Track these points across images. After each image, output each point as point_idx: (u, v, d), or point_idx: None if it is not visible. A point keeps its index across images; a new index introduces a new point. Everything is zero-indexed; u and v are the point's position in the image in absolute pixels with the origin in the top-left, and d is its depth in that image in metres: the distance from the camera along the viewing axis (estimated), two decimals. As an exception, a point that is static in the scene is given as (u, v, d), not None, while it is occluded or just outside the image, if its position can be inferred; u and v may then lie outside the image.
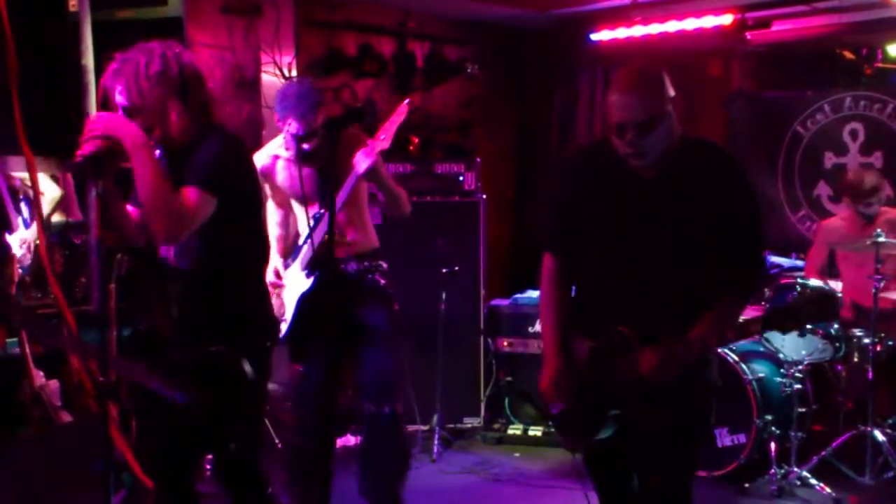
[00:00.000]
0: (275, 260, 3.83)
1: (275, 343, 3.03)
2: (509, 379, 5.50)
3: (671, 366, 2.55)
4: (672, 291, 2.64)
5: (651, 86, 2.60)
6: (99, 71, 3.71)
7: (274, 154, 3.83)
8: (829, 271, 5.22)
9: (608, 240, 2.71)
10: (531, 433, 5.39)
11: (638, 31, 6.10)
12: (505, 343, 5.53)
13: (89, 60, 3.71)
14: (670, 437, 2.67)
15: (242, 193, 2.82)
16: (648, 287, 2.65)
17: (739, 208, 2.64)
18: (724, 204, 2.60)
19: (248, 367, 2.72)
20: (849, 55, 6.91)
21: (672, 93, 2.64)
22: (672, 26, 5.94)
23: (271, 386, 3.86)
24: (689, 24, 5.86)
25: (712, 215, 2.60)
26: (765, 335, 4.60)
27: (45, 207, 4.15)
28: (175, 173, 2.77)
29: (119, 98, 2.73)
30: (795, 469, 4.47)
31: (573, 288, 2.86)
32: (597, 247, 2.74)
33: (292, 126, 3.63)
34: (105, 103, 2.80)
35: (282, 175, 3.82)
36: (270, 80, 5.32)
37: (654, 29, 6.02)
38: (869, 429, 4.52)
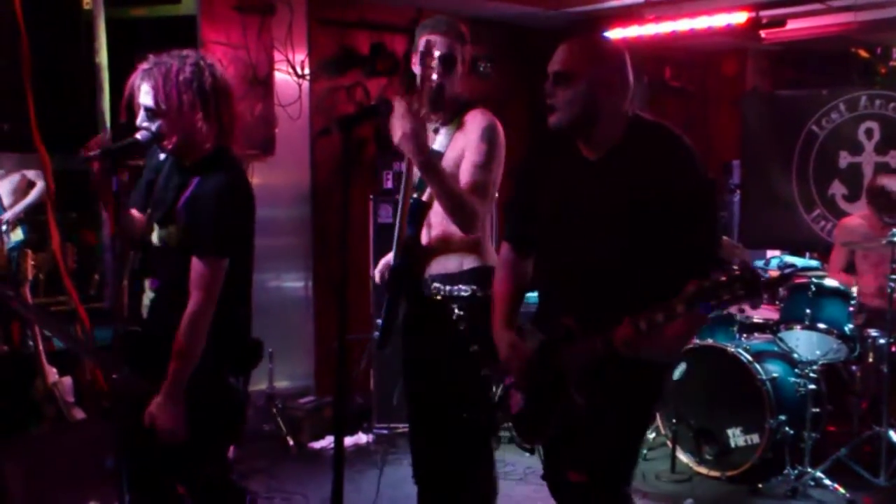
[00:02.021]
0: None
1: (240, 372, 2.90)
2: (521, 378, 5.49)
3: (639, 339, 2.37)
4: (616, 278, 2.52)
5: (588, 49, 2.54)
6: (113, 69, 3.73)
7: None
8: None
9: (554, 225, 2.64)
10: (543, 432, 5.38)
11: (651, 29, 6.08)
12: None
13: (103, 58, 3.72)
14: (604, 436, 2.57)
15: (243, 245, 2.82)
16: (591, 274, 2.56)
17: (688, 192, 2.49)
18: (671, 187, 2.47)
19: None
20: (864, 54, 6.88)
21: (621, 69, 2.53)
22: (685, 24, 5.91)
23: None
24: (703, 22, 5.83)
25: (657, 198, 2.46)
26: (778, 335, 4.58)
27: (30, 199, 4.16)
28: (178, 187, 2.78)
29: (145, 98, 2.72)
30: (809, 470, 4.44)
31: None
32: (546, 235, 2.69)
33: None
34: (129, 103, 2.80)
35: None
36: (283, 78, 5.33)
37: (668, 27, 5.99)
38: (884, 429, 4.49)
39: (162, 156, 2.92)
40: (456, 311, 3.05)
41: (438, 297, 3.08)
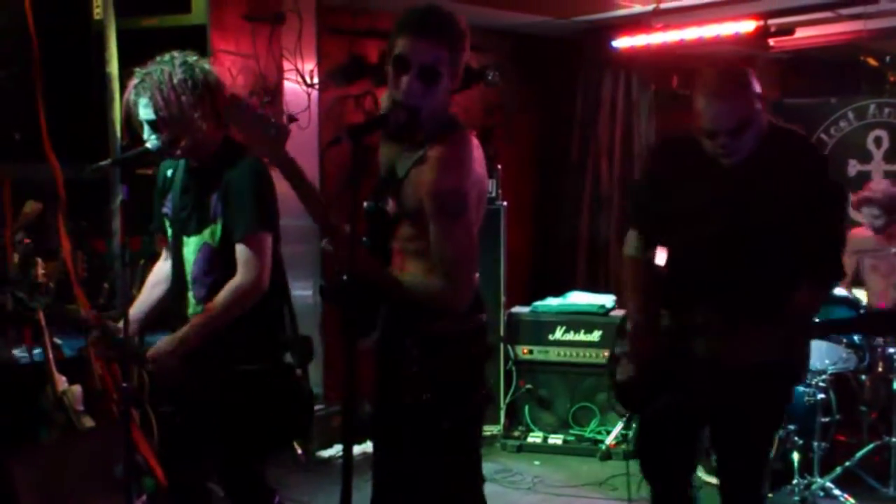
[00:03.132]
0: None
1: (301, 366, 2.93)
2: (529, 387, 5.49)
3: (744, 351, 2.63)
4: (751, 277, 2.71)
5: (741, 91, 2.65)
6: (123, 79, 3.75)
7: None
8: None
9: (692, 224, 2.80)
10: (551, 441, 5.38)
11: (659, 37, 6.09)
12: (525, 350, 5.52)
13: (114, 68, 3.74)
14: (743, 426, 2.79)
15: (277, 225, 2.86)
16: (729, 272, 2.73)
17: (819, 198, 2.68)
18: (803, 193, 2.65)
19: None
20: (872, 62, 6.87)
21: (759, 89, 2.69)
22: (693, 33, 5.91)
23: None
24: (711, 30, 5.83)
25: (791, 204, 2.65)
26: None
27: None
28: (201, 188, 2.80)
29: (144, 113, 2.74)
30: (818, 479, 4.42)
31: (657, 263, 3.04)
32: (682, 229, 2.85)
33: None
34: (129, 122, 2.82)
35: None
36: (292, 87, 5.34)
37: (676, 36, 6.00)
38: (893, 439, 4.48)
39: (169, 171, 2.95)
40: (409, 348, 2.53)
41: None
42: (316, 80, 5.46)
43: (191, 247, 2.84)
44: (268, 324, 2.82)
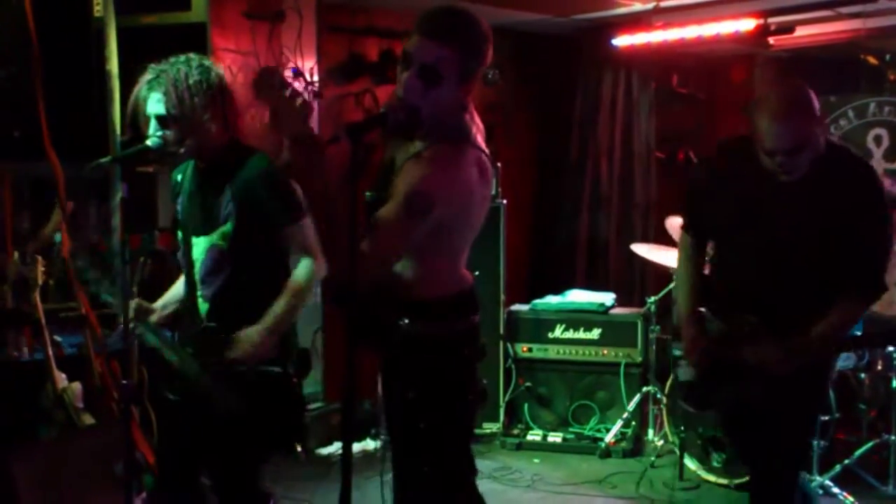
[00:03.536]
0: None
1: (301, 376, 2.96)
2: (528, 384, 5.50)
3: (791, 360, 2.82)
4: (799, 288, 2.90)
5: (800, 114, 2.79)
6: (123, 76, 3.75)
7: None
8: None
9: (743, 233, 2.96)
10: (550, 439, 5.38)
11: (659, 36, 6.09)
12: (524, 348, 5.53)
13: (114, 66, 3.73)
14: (785, 427, 2.96)
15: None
16: (777, 281, 2.91)
17: (867, 217, 2.85)
18: (853, 212, 2.82)
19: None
20: (872, 60, 6.87)
21: (818, 110, 2.83)
22: (693, 31, 5.91)
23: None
24: (711, 29, 5.83)
25: (841, 221, 2.82)
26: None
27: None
28: (209, 189, 2.81)
29: (155, 107, 2.75)
30: (818, 477, 4.42)
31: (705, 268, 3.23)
32: (733, 237, 3.03)
33: None
34: (134, 117, 2.82)
35: None
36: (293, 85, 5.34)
37: (675, 34, 6.00)
38: (892, 437, 4.48)
39: (179, 176, 2.97)
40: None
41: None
42: (316, 78, 5.46)
43: (199, 247, 2.87)
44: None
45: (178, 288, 3.12)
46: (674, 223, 5.15)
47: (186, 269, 2.93)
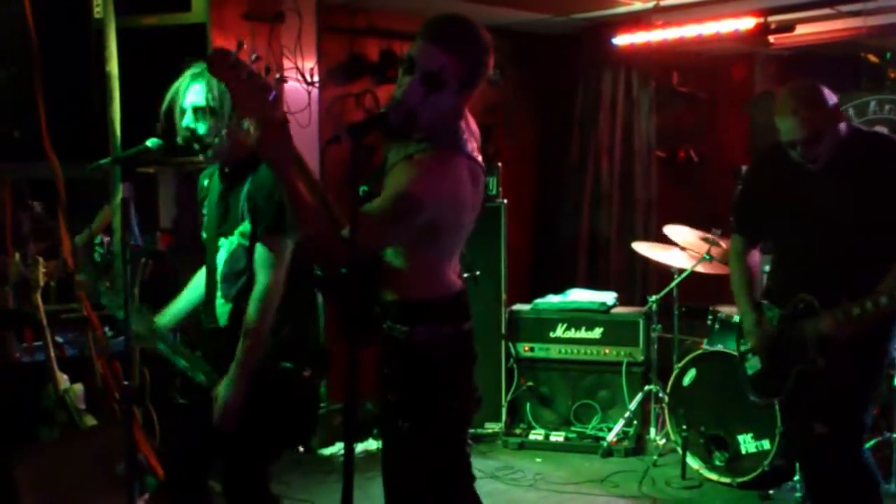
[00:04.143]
0: None
1: (319, 375, 2.97)
2: (530, 384, 5.49)
3: (849, 325, 3.06)
4: (844, 263, 3.15)
5: (808, 106, 3.08)
6: (123, 77, 3.75)
7: None
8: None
9: (788, 224, 3.29)
10: (553, 439, 5.38)
11: (659, 35, 6.08)
12: (526, 348, 5.53)
13: (114, 67, 3.73)
14: (844, 391, 3.18)
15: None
16: (824, 261, 3.19)
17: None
18: (885, 184, 3.09)
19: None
20: (873, 59, 6.87)
21: (832, 101, 3.10)
22: (693, 30, 5.91)
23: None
24: (711, 27, 5.83)
25: (876, 197, 3.09)
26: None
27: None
28: (231, 191, 2.84)
29: (197, 97, 2.77)
30: (820, 476, 4.42)
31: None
32: (783, 230, 3.35)
33: None
34: (170, 106, 2.83)
35: None
36: (292, 86, 5.34)
37: (675, 33, 6.00)
38: (894, 436, 4.47)
39: (206, 181, 2.98)
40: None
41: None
42: (316, 79, 5.46)
43: (224, 248, 2.88)
44: (293, 325, 2.86)
45: (188, 296, 3.12)
46: (673, 230, 5.19)
47: (209, 271, 2.94)
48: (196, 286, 3.10)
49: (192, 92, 2.79)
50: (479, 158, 2.54)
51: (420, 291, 2.48)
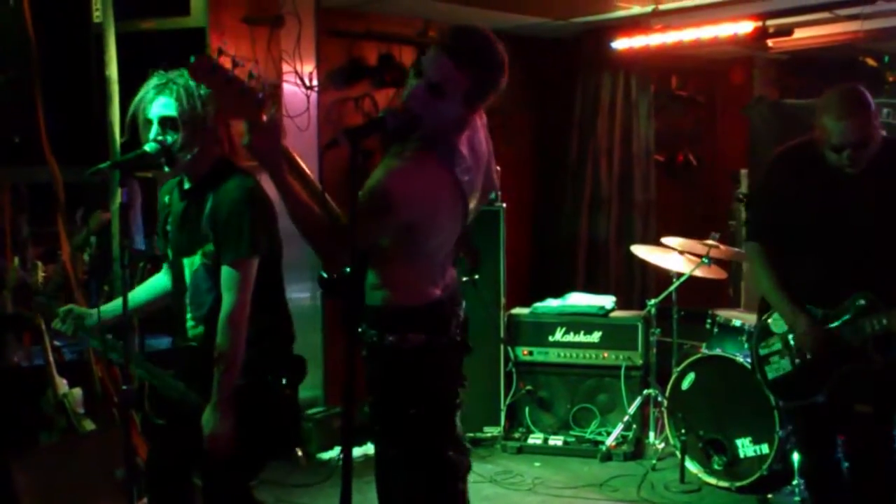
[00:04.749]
0: None
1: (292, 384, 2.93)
2: (529, 388, 5.49)
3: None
4: (880, 267, 3.17)
5: (863, 110, 3.09)
6: (123, 82, 3.75)
7: None
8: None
9: (820, 228, 3.22)
10: (551, 443, 5.37)
11: (658, 38, 6.09)
12: (525, 352, 5.53)
13: (113, 71, 3.74)
14: (890, 380, 3.18)
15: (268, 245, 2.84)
16: (860, 265, 3.18)
17: None
18: None
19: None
20: (871, 62, 6.87)
21: (874, 107, 3.12)
22: (692, 34, 5.92)
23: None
24: (709, 31, 5.84)
25: None
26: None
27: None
28: (194, 209, 2.82)
29: (163, 110, 2.73)
30: (819, 480, 4.42)
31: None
32: (810, 235, 3.25)
33: None
34: (133, 119, 2.81)
35: None
36: (291, 89, 5.34)
37: (674, 37, 6.00)
38: (894, 439, 4.47)
39: (167, 197, 2.95)
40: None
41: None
42: (315, 83, 5.46)
43: (188, 268, 2.85)
44: (258, 340, 2.81)
45: (140, 292, 3.11)
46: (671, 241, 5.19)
47: (177, 293, 2.91)
48: (145, 289, 3.10)
49: (158, 104, 2.74)
50: (470, 186, 2.53)
51: (392, 299, 2.51)
